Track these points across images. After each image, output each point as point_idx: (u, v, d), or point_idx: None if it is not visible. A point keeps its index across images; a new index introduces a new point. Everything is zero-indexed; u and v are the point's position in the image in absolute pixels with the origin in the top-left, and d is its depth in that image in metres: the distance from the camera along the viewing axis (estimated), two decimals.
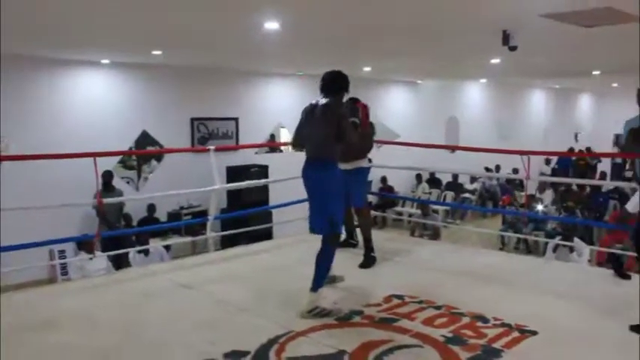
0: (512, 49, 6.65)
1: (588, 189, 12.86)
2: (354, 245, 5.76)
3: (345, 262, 4.99)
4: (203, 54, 9.25)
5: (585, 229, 10.04)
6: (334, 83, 4.29)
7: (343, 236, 5.47)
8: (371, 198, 7.69)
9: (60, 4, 5.25)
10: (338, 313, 4.02)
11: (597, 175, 15.94)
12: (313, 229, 4.27)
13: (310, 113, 4.24)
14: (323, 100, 4.21)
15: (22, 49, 8.19)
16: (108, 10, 5.52)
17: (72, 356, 3.45)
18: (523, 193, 13.68)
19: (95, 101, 9.92)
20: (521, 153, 5.85)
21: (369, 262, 5.27)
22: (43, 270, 8.58)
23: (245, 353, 3.35)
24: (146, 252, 7.62)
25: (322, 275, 4.09)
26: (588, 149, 18.77)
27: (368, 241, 5.37)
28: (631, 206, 3.95)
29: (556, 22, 6.02)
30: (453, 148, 12.78)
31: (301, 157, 4.33)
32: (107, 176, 8.85)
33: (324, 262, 4.12)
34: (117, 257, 7.50)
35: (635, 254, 4.44)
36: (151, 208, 10.21)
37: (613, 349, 3.48)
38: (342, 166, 4.60)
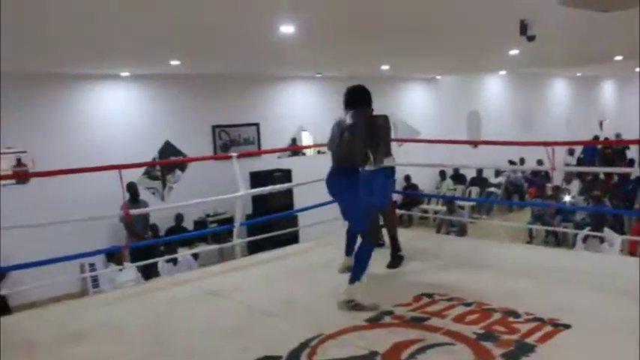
0: (531, 38, 6.55)
1: (616, 177, 12.65)
2: (382, 245, 5.74)
3: (373, 262, 4.96)
4: (220, 61, 9.30)
5: (615, 219, 9.88)
6: (353, 97, 4.53)
7: None
8: (396, 197, 7.63)
9: (77, 20, 5.33)
10: (373, 308, 4.06)
11: (625, 162, 15.68)
12: (352, 228, 4.64)
13: (338, 125, 4.47)
14: (349, 113, 4.42)
15: (44, 66, 8.34)
16: (125, 23, 5.59)
17: None
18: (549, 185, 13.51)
19: (117, 114, 10.05)
20: (545, 144, 5.78)
21: (396, 261, 5.25)
22: (75, 283, 8.71)
23: (277, 358, 3.35)
24: (174, 261, 7.69)
25: (361, 269, 4.23)
26: (618, 135, 18.51)
27: (394, 240, 5.36)
28: None
29: (573, 8, 5.93)
30: (475, 143, 12.70)
31: (322, 160, 4.43)
32: (132, 188, 8.94)
33: (362, 256, 4.28)
34: (146, 267, 7.58)
35: None
36: (179, 217, 10.29)
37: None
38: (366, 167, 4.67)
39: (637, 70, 16.94)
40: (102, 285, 8.45)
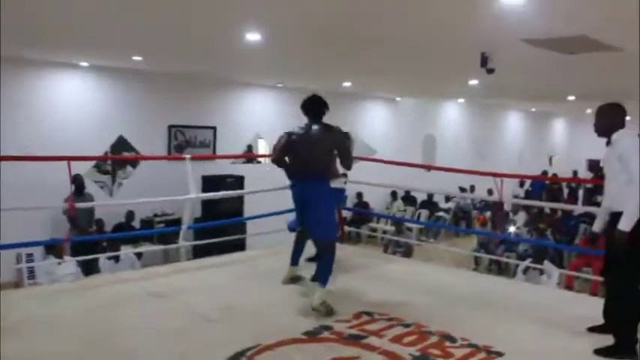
0: (490, 71, 6.75)
1: (560, 212, 13.03)
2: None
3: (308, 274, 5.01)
4: (183, 62, 9.22)
5: (556, 252, 10.16)
6: (320, 107, 4.65)
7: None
8: (346, 213, 7.72)
9: (40, 3, 5.21)
10: (338, 314, 4.28)
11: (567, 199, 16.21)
12: (315, 236, 4.73)
13: (306, 136, 4.56)
14: (317, 125, 4.57)
15: None
16: (88, 11, 5.48)
17: None
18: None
19: (72, 104, 9.82)
20: (495, 175, 5.92)
21: None
22: (9, 273, 8.42)
23: None
24: (116, 259, 7.53)
25: (329, 272, 4.49)
26: (575, 173, 19.23)
27: None
28: (597, 226, 4.10)
29: (533, 47, 6.13)
30: (428, 168, 12.87)
31: (277, 169, 4.48)
32: (78, 180, 8.70)
33: (329, 262, 4.53)
34: (86, 263, 7.39)
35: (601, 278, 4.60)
36: (130, 214, 10.08)
37: None
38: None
39: (588, 111, 17.55)
40: (38, 277, 8.20)
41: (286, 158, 4.67)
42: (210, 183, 9.94)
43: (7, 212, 6.70)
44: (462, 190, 15.17)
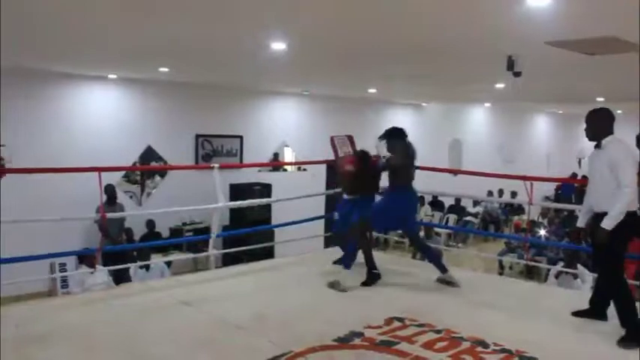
0: (517, 74, 6.67)
1: None
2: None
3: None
4: (210, 72, 9.32)
5: (588, 256, 9.98)
6: None
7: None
8: None
9: (69, 20, 5.32)
10: (342, 290, 5.00)
11: None
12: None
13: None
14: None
15: (30, 63, 8.28)
16: (116, 26, 5.58)
17: None
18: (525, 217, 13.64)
19: (101, 115, 9.99)
20: (524, 179, 5.86)
21: (371, 279, 5.39)
22: (43, 283, 8.56)
23: None
24: (147, 267, 7.61)
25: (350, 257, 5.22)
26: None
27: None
28: (580, 222, 4.36)
29: (561, 49, 6.06)
30: (455, 172, 12.77)
31: (303, 177, 4.57)
32: (110, 190, 8.85)
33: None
34: (117, 272, 7.49)
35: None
36: (150, 223, 10.17)
37: None
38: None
39: (619, 112, 17.28)
40: (71, 286, 8.32)
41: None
42: (237, 191, 10.02)
43: (40, 223, 6.87)
44: (490, 194, 15.03)
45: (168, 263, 8.29)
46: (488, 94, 12.68)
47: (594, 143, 4.21)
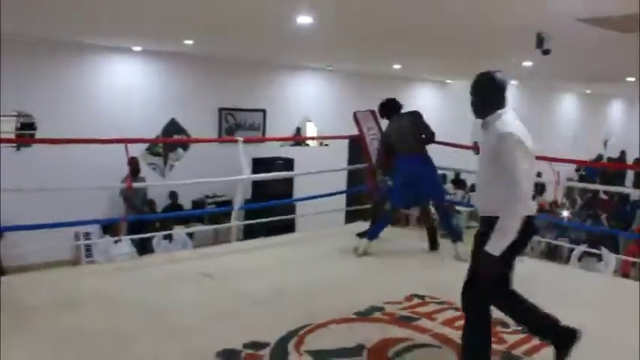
0: (546, 52, 6.55)
1: (616, 197, 12.65)
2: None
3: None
4: (234, 45, 9.28)
5: (611, 239, 9.88)
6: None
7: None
8: None
9: None
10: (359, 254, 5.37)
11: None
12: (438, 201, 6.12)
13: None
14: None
15: (55, 34, 8.32)
16: None
17: (88, 338, 3.50)
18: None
19: (125, 87, 10.03)
20: (548, 160, 5.78)
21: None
22: (67, 251, 8.71)
23: (264, 345, 3.38)
24: (170, 238, 7.71)
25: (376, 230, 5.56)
26: (623, 153, 18.60)
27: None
28: None
29: (591, 26, 5.93)
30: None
31: (325, 152, 4.56)
32: (134, 162, 8.91)
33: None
34: (141, 242, 7.59)
35: None
36: (173, 195, 10.24)
37: (635, 357, 3.43)
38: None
39: None
40: (95, 255, 8.46)
41: None
42: (260, 165, 10.04)
43: (68, 192, 6.97)
44: None
45: (191, 235, 8.38)
46: (516, 72, 12.47)
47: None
